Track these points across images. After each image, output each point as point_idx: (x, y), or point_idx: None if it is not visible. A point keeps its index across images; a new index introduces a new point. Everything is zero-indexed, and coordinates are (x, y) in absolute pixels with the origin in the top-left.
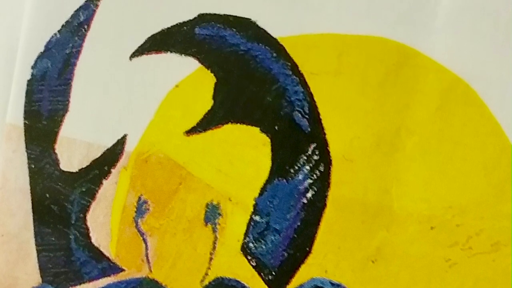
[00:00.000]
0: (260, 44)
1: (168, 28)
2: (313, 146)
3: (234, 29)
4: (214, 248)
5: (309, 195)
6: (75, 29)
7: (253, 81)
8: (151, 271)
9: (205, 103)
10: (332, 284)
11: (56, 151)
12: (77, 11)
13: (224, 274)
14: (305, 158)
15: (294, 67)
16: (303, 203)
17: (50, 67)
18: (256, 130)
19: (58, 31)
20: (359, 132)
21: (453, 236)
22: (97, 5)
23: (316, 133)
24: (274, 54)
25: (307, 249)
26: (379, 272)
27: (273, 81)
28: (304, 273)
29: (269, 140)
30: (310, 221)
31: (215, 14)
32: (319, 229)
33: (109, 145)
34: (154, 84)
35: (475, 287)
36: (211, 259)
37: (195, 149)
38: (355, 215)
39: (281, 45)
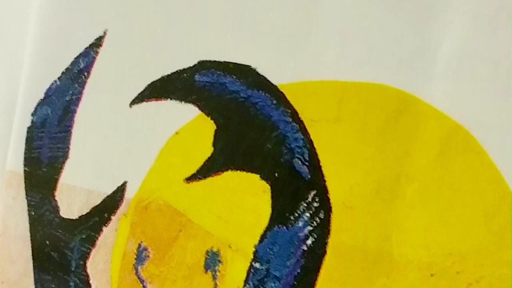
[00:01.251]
0: (260, 91)
1: (168, 75)
2: (313, 193)
3: (234, 76)
4: None
5: (309, 242)
6: (75, 76)
7: (253, 128)
8: None
9: (205, 150)
10: None
11: (56, 198)
12: (77, 58)
13: None
14: (305, 205)
15: (294, 114)
16: (303, 250)
17: (50, 114)
18: (256, 177)
19: (58, 78)
20: (359, 179)
21: (453, 283)
22: (97, 52)
23: (316, 180)
24: (274, 101)
25: None
26: None
27: (273, 128)
28: None
29: (269, 187)
30: (310, 268)
31: (215, 61)
32: (319, 276)
33: (109, 192)
34: (154, 131)
35: None
36: None
37: (195, 196)
38: (355, 262)
39: (281, 92)
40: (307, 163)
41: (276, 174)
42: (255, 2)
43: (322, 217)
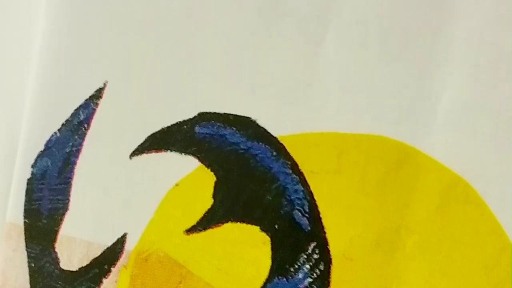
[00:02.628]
0: (260, 143)
1: (168, 126)
2: (313, 244)
3: (234, 128)
4: None
5: None
6: (75, 128)
7: (253, 180)
8: None
9: (205, 202)
10: None
11: (56, 249)
12: (77, 110)
13: None
14: (305, 256)
15: (294, 166)
16: None
17: (50, 166)
18: (256, 229)
19: (58, 129)
20: (359, 230)
21: None
22: (97, 104)
23: (316, 232)
24: (274, 153)
25: None
26: None
27: (273, 180)
28: None
29: (269, 238)
30: None
31: (215, 112)
32: None
33: (109, 243)
34: (154, 183)
35: None
36: None
37: (195, 248)
38: None
39: (281, 144)
40: (307, 215)
41: (276, 226)
42: (255, 54)
43: (322, 269)
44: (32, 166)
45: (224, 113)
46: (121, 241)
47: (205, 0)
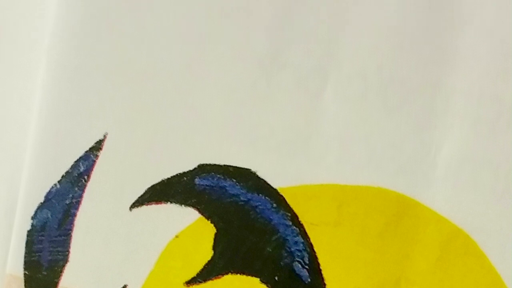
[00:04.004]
0: (260, 195)
1: (168, 178)
2: None
3: (234, 180)
4: None
5: None
6: (75, 180)
7: (253, 231)
8: None
9: (205, 253)
10: None
11: None
12: (77, 161)
13: None
14: None
15: (294, 218)
16: None
17: (50, 217)
18: (256, 280)
19: (58, 181)
20: (359, 282)
21: None
22: (97, 156)
23: (316, 284)
24: (274, 205)
25: None
26: None
27: (273, 232)
28: None
29: None
30: None
31: (215, 164)
32: None
33: None
34: (154, 235)
35: None
36: None
37: None
38: None
39: (281, 196)
40: (307, 267)
41: (276, 278)
42: (255, 106)
43: None
44: (32, 218)
45: (224, 165)
46: None
47: (205, 52)
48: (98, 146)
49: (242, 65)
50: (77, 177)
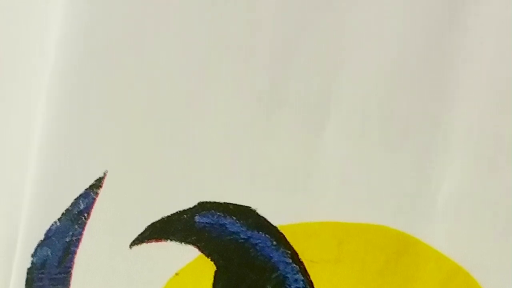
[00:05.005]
0: (260, 232)
1: (168, 216)
2: None
3: (234, 217)
4: None
5: None
6: (75, 217)
7: (253, 269)
8: None
9: None
10: None
11: None
12: (77, 199)
13: None
14: None
15: (294, 255)
16: None
17: (50, 255)
18: None
19: (58, 219)
20: None
21: None
22: (97, 194)
23: None
24: (274, 242)
25: None
26: None
27: (273, 269)
28: None
29: None
30: None
31: (215, 202)
32: None
33: None
34: (154, 272)
35: None
36: None
37: None
38: None
39: (281, 233)
40: None
41: None
42: (255, 142)
43: None
44: (32, 256)
45: (224, 203)
46: None
47: (204, 89)
48: (98, 183)
49: (242, 102)
50: (77, 215)
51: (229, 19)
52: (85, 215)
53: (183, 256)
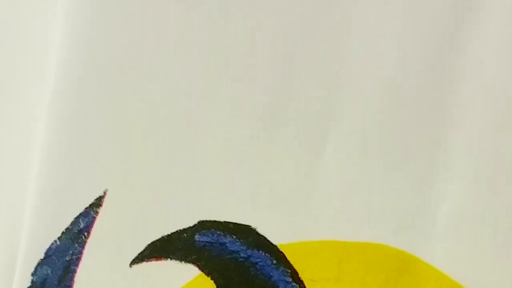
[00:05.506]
0: (260, 251)
1: (168, 235)
2: None
3: (234, 236)
4: None
5: None
6: (75, 236)
7: None
8: None
9: None
10: None
11: None
12: (77, 218)
13: None
14: None
15: (294, 274)
16: None
17: (50, 274)
18: None
19: (58, 238)
20: None
21: None
22: (97, 212)
23: None
24: (274, 261)
25: None
26: None
27: None
28: None
29: None
30: None
31: (215, 221)
32: None
33: None
34: None
35: None
36: None
37: None
38: None
39: (281, 252)
40: None
41: None
42: (255, 162)
43: None
44: (32, 274)
45: (224, 221)
46: None
47: (205, 108)
48: (98, 202)
49: (243, 122)
50: (77, 234)
51: (229, 38)
52: (85, 234)
53: (183, 274)
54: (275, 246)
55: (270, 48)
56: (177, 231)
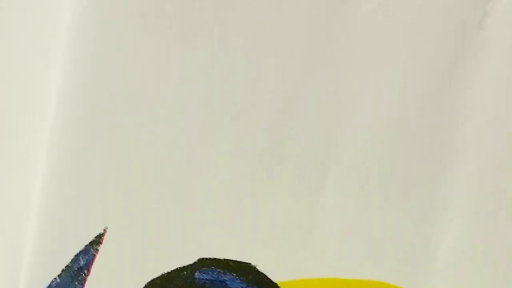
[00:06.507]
0: None
1: (168, 272)
2: None
3: (235, 274)
4: None
5: None
6: (75, 274)
7: None
8: None
9: None
10: None
11: None
12: (77, 255)
13: None
14: None
15: None
16: None
17: None
18: None
19: (58, 275)
20: None
21: None
22: (97, 250)
23: None
24: None
25: None
26: None
27: None
28: None
29: None
30: None
31: (215, 258)
32: None
33: None
34: None
35: None
36: None
37: None
38: None
39: None
40: None
41: None
42: (255, 199)
43: None
44: None
45: (224, 259)
46: None
47: (205, 147)
48: (98, 240)
49: (242, 159)
50: (77, 271)
51: (229, 77)
52: (85, 271)
53: None
54: (275, 283)
55: (270, 86)
56: (177, 269)
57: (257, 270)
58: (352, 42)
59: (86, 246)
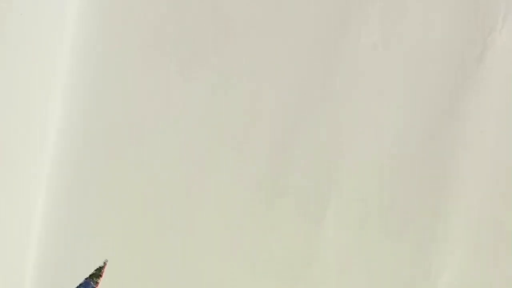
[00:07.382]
0: None
1: None
2: None
3: None
4: None
5: None
6: None
7: None
8: None
9: None
10: None
11: None
12: None
13: None
14: None
15: None
16: None
17: None
18: None
19: None
20: None
21: None
22: (97, 283)
23: None
24: None
25: None
26: None
27: None
28: None
29: None
30: None
31: None
32: None
33: None
34: None
35: None
36: None
37: None
38: None
39: None
40: None
41: None
42: (255, 231)
43: None
44: None
45: None
46: None
47: (204, 178)
48: (98, 273)
49: (242, 191)
50: None
51: (229, 108)
52: None
53: None
54: None
55: (270, 118)
56: None
57: None
58: (352, 76)
59: (86, 279)
